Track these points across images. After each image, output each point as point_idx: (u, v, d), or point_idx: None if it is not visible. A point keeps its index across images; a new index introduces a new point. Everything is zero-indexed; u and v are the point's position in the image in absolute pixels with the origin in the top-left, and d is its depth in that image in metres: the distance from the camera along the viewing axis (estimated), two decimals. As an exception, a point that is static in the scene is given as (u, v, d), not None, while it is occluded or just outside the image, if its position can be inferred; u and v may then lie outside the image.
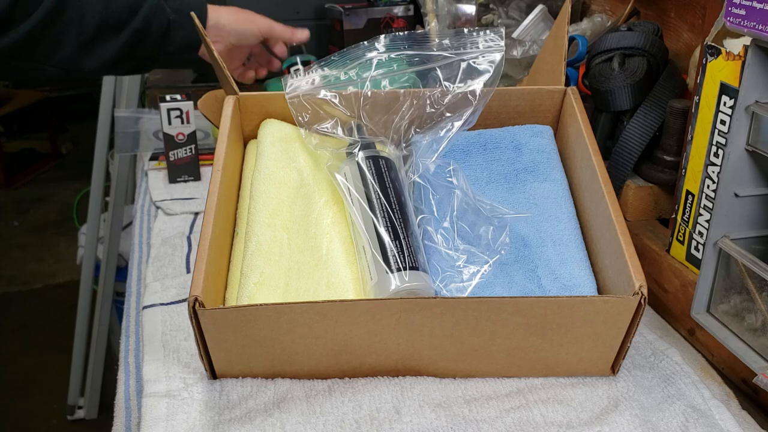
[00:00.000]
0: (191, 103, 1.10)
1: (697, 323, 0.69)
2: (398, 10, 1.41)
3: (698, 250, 0.73)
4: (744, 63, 0.61)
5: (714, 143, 0.69)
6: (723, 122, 0.68)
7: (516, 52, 1.08)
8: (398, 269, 0.67)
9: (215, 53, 0.80)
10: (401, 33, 0.80)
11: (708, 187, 0.70)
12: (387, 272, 0.67)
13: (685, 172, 0.74)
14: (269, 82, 1.23)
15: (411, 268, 0.68)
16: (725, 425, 0.65)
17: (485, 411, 0.65)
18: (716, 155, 0.69)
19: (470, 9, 1.20)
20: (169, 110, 1.10)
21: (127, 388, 0.74)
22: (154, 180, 1.16)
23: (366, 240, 0.70)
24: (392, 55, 0.80)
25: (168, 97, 1.11)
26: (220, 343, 0.65)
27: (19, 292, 2.79)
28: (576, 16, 1.17)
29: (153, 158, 1.24)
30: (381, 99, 0.80)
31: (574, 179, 0.79)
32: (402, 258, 0.68)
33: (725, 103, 0.67)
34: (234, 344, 0.65)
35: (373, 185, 0.74)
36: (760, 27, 0.57)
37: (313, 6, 1.43)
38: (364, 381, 0.68)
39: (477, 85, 0.78)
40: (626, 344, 0.67)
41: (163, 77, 1.54)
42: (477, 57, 0.79)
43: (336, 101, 0.79)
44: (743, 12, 0.58)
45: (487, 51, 0.79)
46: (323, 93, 0.79)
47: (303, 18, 1.42)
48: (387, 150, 0.80)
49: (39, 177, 3.85)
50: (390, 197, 0.73)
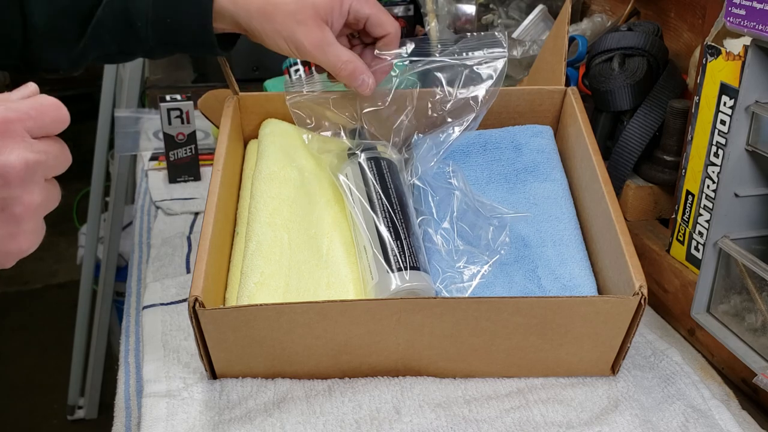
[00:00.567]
0: (191, 103, 1.10)
1: (697, 323, 0.69)
2: (398, 10, 1.41)
3: (698, 250, 0.73)
4: (744, 63, 0.61)
5: (714, 143, 0.69)
6: (723, 122, 0.68)
7: (516, 52, 1.08)
8: (399, 269, 0.67)
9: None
10: (404, 39, 0.79)
11: (708, 187, 0.70)
12: (388, 272, 0.67)
13: (685, 172, 0.74)
14: (269, 82, 1.23)
15: (412, 268, 0.68)
16: (725, 425, 0.65)
17: (485, 411, 0.65)
18: (716, 155, 0.69)
19: (470, 9, 1.20)
20: (169, 110, 1.10)
21: (127, 388, 0.74)
22: (154, 180, 1.16)
23: (367, 239, 0.70)
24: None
25: (168, 97, 1.11)
26: (220, 343, 0.65)
27: (19, 292, 2.79)
28: (576, 16, 1.17)
29: (153, 158, 1.24)
30: (382, 102, 0.80)
31: (574, 179, 0.79)
32: (403, 258, 0.68)
33: (725, 103, 0.67)
34: (234, 344, 0.65)
35: (375, 186, 0.74)
36: (760, 27, 0.57)
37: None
38: (364, 381, 0.68)
39: (479, 91, 0.78)
40: (626, 344, 0.67)
41: (164, 77, 1.54)
42: (480, 63, 0.78)
43: (337, 105, 0.79)
44: (743, 12, 0.58)
45: (490, 56, 0.79)
46: (324, 96, 0.79)
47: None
48: (388, 152, 0.80)
49: (39, 177, 3.84)
50: (391, 198, 0.73)
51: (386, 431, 0.63)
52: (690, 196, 0.73)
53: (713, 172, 0.69)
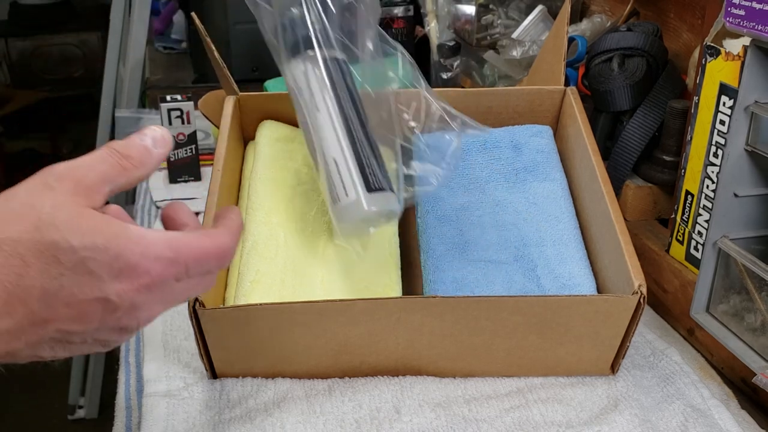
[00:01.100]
0: (191, 104, 1.10)
1: (697, 323, 0.70)
2: (398, 11, 1.41)
3: (698, 250, 0.73)
4: (743, 63, 0.61)
5: (713, 143, 0.69)
6: (722, 122, 0.68)
7: (516, 52, 1.09)
8: (376, 188, 0.63)
9: (215, 53, 0.81)
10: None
11: (707, 187, 0.71)
12: (363, 191, 0.63)
13: (685, 172, 0.74)
14: (269, 83, 1.23)
15: (388, 189, 0.64)
16: (725, 425, 0.65)
17: (485, 410, 0.65)
18: (716, 155, 0.69)
19: (470, 9, 1.20)
20: (170, 110, 1.10)
21: (128, 388, 0.74)
22: (155, 180, 1.16)
23: (339, 153, 0.64)
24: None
25: (168, 98, 1.11)
26: (220, 343, 0.65)
27: (20, 292, 2.79)
28: (576, 17, 1.17)
29: (153, 158, 1.24)
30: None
31: (574, 179, 0.79)
32: (377, 176, 0.64)
33: (724, 104, 0.67)
34: (234, 344, 0.65)
35: (343, 92, 0.66)
36: (760, 27, 0.57)
37: (314, 6, 1.42)
38: (364, 380, 0.68)
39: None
40: (626, 344, 0.67)
41: (164, 77, 1.54)
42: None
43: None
44: (743, 12, 0.58)
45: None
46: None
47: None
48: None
49: (39, 177, 3.84)
50: (358, 106, 0.67)
51: (386, 431, 0.63)
52: (689, 196, 0.74)
53: (712, 172, 0.70)
